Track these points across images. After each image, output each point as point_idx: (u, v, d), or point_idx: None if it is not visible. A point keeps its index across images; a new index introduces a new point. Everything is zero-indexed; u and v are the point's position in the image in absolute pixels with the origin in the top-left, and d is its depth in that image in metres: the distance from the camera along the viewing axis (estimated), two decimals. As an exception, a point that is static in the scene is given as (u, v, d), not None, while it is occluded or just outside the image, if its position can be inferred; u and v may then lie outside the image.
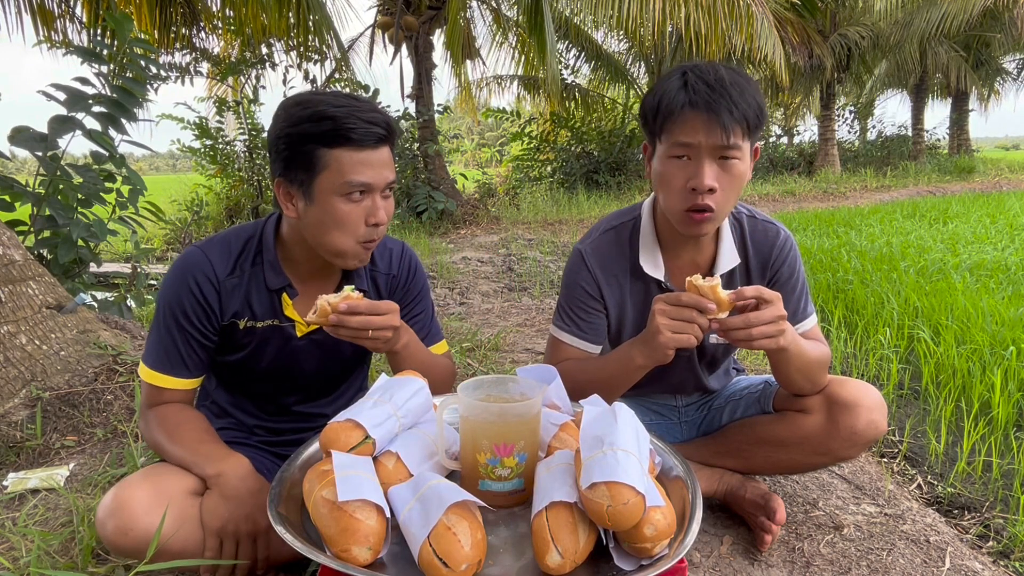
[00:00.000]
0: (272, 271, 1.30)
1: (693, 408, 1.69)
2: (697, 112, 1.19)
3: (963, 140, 18.40)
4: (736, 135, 1.19)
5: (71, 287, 2.87)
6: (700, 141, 1.20)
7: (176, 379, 1.28)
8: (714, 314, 1.12)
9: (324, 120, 1.15)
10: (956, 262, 4.23)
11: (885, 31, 13.33)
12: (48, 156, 2.77)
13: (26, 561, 1.38)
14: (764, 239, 1.44)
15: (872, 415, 1.34)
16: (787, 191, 11.51)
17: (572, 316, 1.45)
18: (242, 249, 1.31)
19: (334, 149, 1.16)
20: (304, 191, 1.19)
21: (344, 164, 1.16)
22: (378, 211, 1.22)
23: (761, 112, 1.21)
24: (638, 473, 0.87)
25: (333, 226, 1.20)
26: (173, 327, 1.26)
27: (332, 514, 0.88)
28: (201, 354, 1.30)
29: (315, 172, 1.17)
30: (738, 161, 1.22)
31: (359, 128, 1.16)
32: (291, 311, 1.32)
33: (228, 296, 1.28)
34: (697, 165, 1.22)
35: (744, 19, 7.22)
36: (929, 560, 1.44)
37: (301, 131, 1.16)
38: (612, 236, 1.46)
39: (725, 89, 1.18)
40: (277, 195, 1.23)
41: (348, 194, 1.18)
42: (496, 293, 4.36)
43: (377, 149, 1.19)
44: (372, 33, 9.11)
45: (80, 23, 5.25)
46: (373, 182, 1.19)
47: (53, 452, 1.97)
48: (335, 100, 1.17)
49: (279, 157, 1.20)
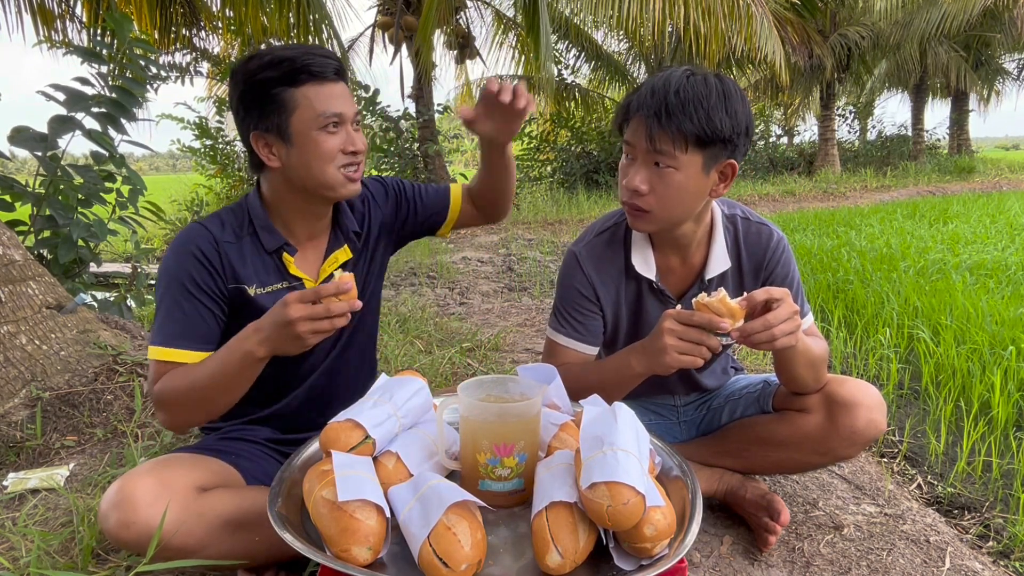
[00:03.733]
0: (267, 232, 1.33)
1: (692, 408, 1.70)
2: (636, 115, 1.24)
3: (963, 140, 18.41)
4: (663, 143, 1.20)
5: (71, 287, 2.87)
6: (636, 143, 1.25)
7: (186, 351, 1.24)
8: (727, 330, 1.11)
9: (282, 62, 1.21)
10: (956, 262, 4.23)
11: (885, 31, 13.33)
12: (48, 156, 2.77)
13: (26, 561, 1.38)
14: (757, 241, 1.44)
15: (872, 414, 1.34)
16: (787, 191, 11.52)
17: (568, 318, 1.46)
18: (233, 220, 1.34)
19: (300, 87, 1.22)
20: (282, 135, 1.24)
21: (313, 99, 1.22)
22: (354, 140, 1.27)
23: (713, 130, 1.19)
24: (638, 473, 0.87)
25: (316, 160, 1.25)
26: (180, 297, 1.25)
27: (332, 514, 0.88)
28: (212, 323, 1.27)
29: (288, 113, 1.22)
30: (673, 171, 1.23)
31: (316, 62, 1.22)
32: (295, 269, 1.35)
33: (229, 258, 1.29)
34: (632, 165, 1.28)
35: (744, 19, 7.22)
36: (929, 560, 1.44)
37: (264, 78, 1.21)
38: (606, 237, 1.46)
39: (667, 98, 1.19)
40: (256, 149, 1.27)
41: (324, 127, 1.23)
42: (496, 293, 4.36)
43: (337, 82, 1.26)
44: (372, 33, 9.11)
45: (80, 23, 5.25)
46: (344, 111, 1.25)
47: (53, 452, 1.97)
48: (284, 46, 1.25)
49: (250, 111, 1.24)
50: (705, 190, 1.28)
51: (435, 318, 3.53)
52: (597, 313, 1.46)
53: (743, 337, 1.12)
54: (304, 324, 1.08)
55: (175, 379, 1.21)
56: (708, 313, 1.11)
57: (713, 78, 1.23)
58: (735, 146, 1.25)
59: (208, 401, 1.21)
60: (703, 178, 1.26)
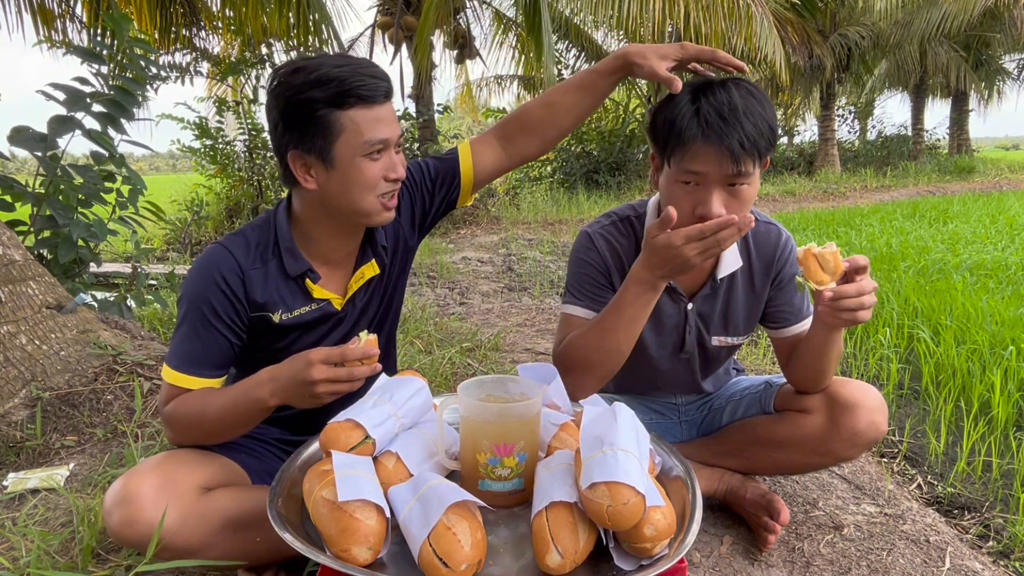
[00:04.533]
0: (290, 256, 1.27)
1: (693, 408, 1.70)
2: (708, 144, 1.17)
3: (963, 140, 18.42)
4: (746, 165, 1.17)
5: (71, 287, 2.87)
6: (710, 171, 1.19)
7: (200, 379, 1.23)
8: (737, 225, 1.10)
9: (330, 82, 1.12)
10: (956, 262, 4.23)
11: (885, 31, 13.34)
12: (48, 156, 2.77)
13: (26, 561, 1.38)
14: (767, 241, 1.44)
15: (873, 416, 1.34)
16: (787, 191, 11.52)
17: (583, 291, 1.43)
18: (259, 240, 1.28)
19: (348, 110, 1.14)
20: (323, 158, 1.17)
21: (361, 124, 1.15)
22: (396, 166, 1.22)
23: (772, 134, 1.20)
24: (638, 473, 0.87)
25: (357, 187, 1.19)
26: (199, 325, 1.22)
27: (332, 514, 0.88)
28: (228, 352, 1.26)
29: (333, 136, 1.15)
30: (747, 187, 1.21)
31: (367, 84, 1.14)
32: (320, 292, 1.30)
33: (254, 286, 1.25)
34: (705, 193, 1.20)
35: (744, 19, 7.22)
36: (929, 560, 1.44)
37: (309, 97, 1.13)
38: (620, 226, 1.45)
39: (738, 120, 1.15)
40: (293, 169, 1.20)
41: (369, 153, 1.17)
42: (496, 293, 4.36)
43: (385, 104, 1.18)
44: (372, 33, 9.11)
45: (80, 23, 5.25)
46: (391, 137, 1.19)
47: (53, 452, 1.97)
48: (334, 60, 1.15)
49: (290, 129, 1.17)
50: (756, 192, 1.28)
51: (435, 318, 3.53)
52: (610, 287, 1.43)
53: (834, 299, 1.12)
54: (324, 386, 1.07)
55: (186, 405, 1.21)
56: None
57: (744, 84, 1.22)
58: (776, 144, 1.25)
59: (215, 433, 1.22)
60: (759, 181, 1.26)
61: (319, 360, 1.07)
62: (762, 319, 1.51)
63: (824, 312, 1.18)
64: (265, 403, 1.14)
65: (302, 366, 1.08)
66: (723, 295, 1.45)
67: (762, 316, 1.50)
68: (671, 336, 1.49)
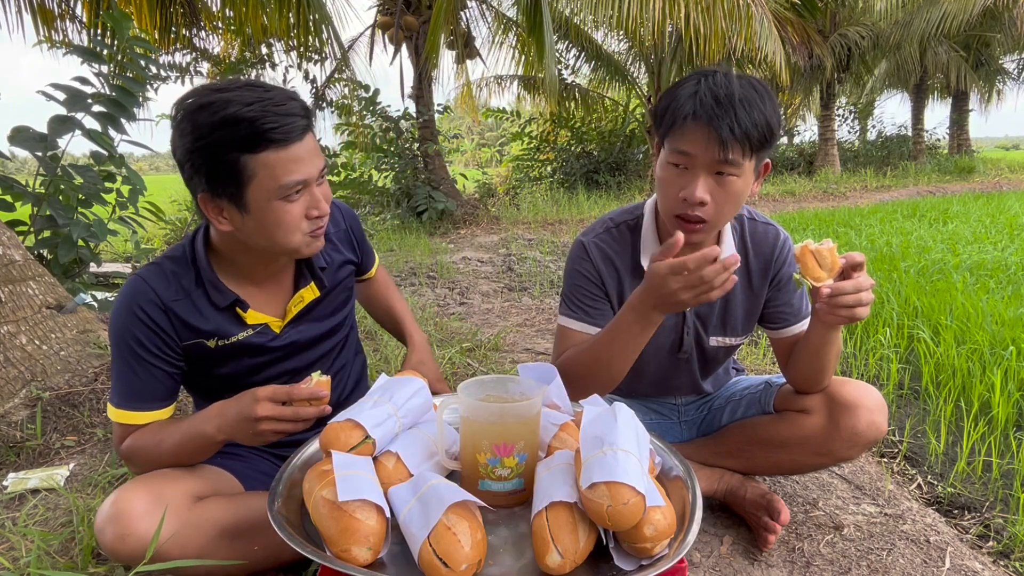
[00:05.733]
0: (214, 289, 1.21)
1: (693, 408, 1.70)
2: (699, 124, 1.18)
3: (963, 140, 18.40)
4: (734, 152, 1.17)
5: (71, 287, 2.87)
6: (698, 153, 1.19)
7: (146, 413, 1.21)
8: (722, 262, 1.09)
9: (239, 124, 1.03)
10: (956, 262, 4.23)
11: (885, 31, 13.33)
12: (48, 156, 2.77)
13: (26, 561, 1.38)
14: (764, 240, 1.44)
15: (873, 416, 1.34)
16: (787, 191, 11.52)
17: (578, 303, 1.44)
18: (178, 272, 1.21)
19: (259, 154, 1.05)
20: (235, 203, 1.10)
21: (275, 167, 1.07)
22: (319, 203, 1.15)
23: (769, 130, 1.19)
24: (638, 473, 0.87)
25: (276, 229, 1.12)
26: (132, 360, 1.18)
27: (332, 514, 0.88)
28: (167, 382, 1.22)
29: (244, 182, 1.07)
30: (735, 178, 1.21)
31: (281, 125, 1.05)
32: (254, 318, 1.26)
33: (179, 318, 1.20)
34: (692, 176, 1.21)
35: (744, 19, 7.22)
36: (929, 560, 1.44)
37: (216, 140, 1.05)
38: (615, 233, 1.45)
39: (732, 105, 1.16)
40: (204, 212, 1.13)
41: (285, 196, 1.10)
42: (496, 293, 4.36)
43: (303, 140, 1.09)
44: (372, 33, 9.10)
45: (80, 23, 5.25)
46: (308, 177, 1.11)
47: (53, 452, 1.97)
48: (243, 97, 1.05)
49: (197, 172, 1.09)
50: (750, 191, 1.27)
51: (435, 318, 3.53)
52: (605, 299, 1.44)
53: (831, 295, 1.12)
54: (268, 423, 1.06)
55: (140, 441, 1.20)
56: (703, 257, 1.07)
57: (747, 79, 1.22)
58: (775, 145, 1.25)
59: (172, 465, 1.21)
60: (752, 180, 1.25)
61: (265, 397, 1.06)
62: (761, 319, 1.51)
63: (822, 309, 1.18)
64: (213, 438, 1.14)
65: (248, 402, 1.07)
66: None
67: (761, 317, 1.50)
68: (669, 337, 1.49)
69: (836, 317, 1.17)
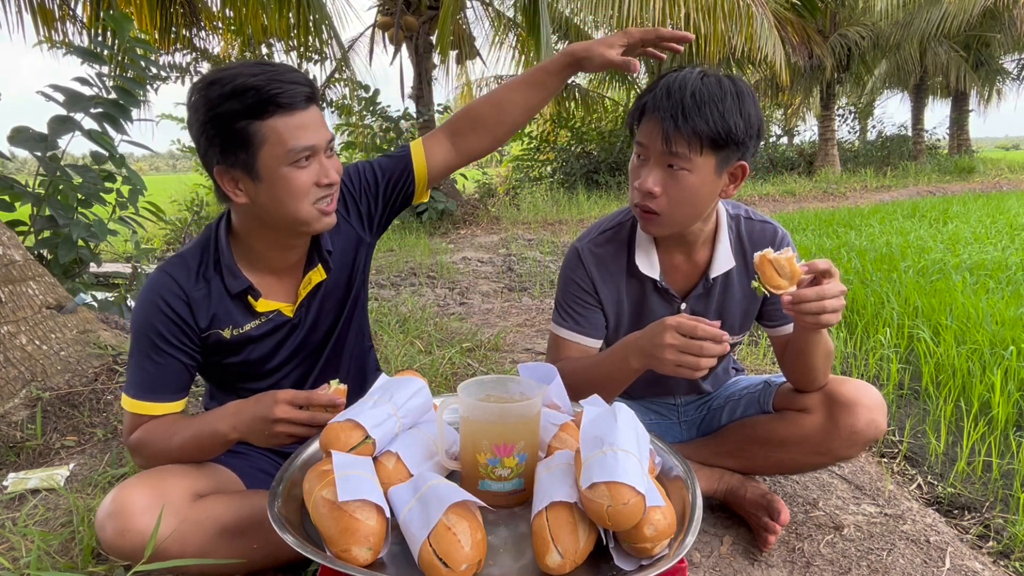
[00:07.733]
0: (230, 275, 1.25)
1: (693, 408, 1.70)
2: (651, 117, 1.23)
3: (963, 140, 18.41)
4: (679, 145, 1.19)
5: (71, 287, 2.87)
6: (649, 144, 1.24)
7: (161, 404, 1.24)
8: (725, 346, 1.11)
9: (247, 92, 1.10)
10: (956, 262, 4.23)
11: (885, 31, 13.34)
12: (48, 156, 2.77)
13: (26, 561, 1.38)
14: (762, 238, 1.44)
15: (872, 414, 1.34)
16: (787, 191, 11.51)
17: (570, 312, 1.46)
18: (200, 260, 1.26)
19: (267, 120, 1.11)
20: (248, 171, 1.15)
21: (282, 132, 1.12)
22: (328, 171, 1.19)
23: (726, 127, 1.19)
24: (638, 473, 0.87)
25: (288, 197, 1.16)
26: (151, 352, 1.22)
27: (332, 514, 0.88)
28: (183, 375, 1.26)
29: (255, 148, 1.13)
30: (687, 173, 1.22)
31: (285, 91, 1.11)
32: (264, 306, 1.29)
33: (199, 307, 1.24)
34: (646, 168, 1.26)
35: (744, 19, 7.23)
36: (929, 560, 1.44)
37: (227, 110, 1.11)
38: (609, 236, 1.46)
39: (683, 100, 1.18)
40: (221, 185, 1.18)
41: (295, 161, 1.14)
42: (496, 293, 4.36)
43: (308, 109, 1.15)
44: (372, 33, 9.11)
45: (80, 23, 5.25)
46: (316, 143, 1.15)
47: (53, 452, 1.97)
48: (250, 70, 1.12)
49: (212, 144, 1.15)
50: (716, 192, 1.28)
51: (435, 318, 3.53)
52: (598, 307, 1.46)
53: (794, 303, 1.13)
54: (283, 426, 1.09)
55: (151, 433, 1.22)
56: (709, 328, 1.10)
57: (727, 79, 1.23)
58: (747, 147, 1.25)
59: (180, 460, 1.22)
60: (715, 180, 1.26)
61: (284, 400, 1.09)
62: (759, 317, 1.51)
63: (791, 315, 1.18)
64: (225, 436, 1.16)
65: (268, 403, 1.10)
66: (717, 295, 1.46)
67: (759, 314, 1.50)
68: None
69: (803, 323, 1.17)
